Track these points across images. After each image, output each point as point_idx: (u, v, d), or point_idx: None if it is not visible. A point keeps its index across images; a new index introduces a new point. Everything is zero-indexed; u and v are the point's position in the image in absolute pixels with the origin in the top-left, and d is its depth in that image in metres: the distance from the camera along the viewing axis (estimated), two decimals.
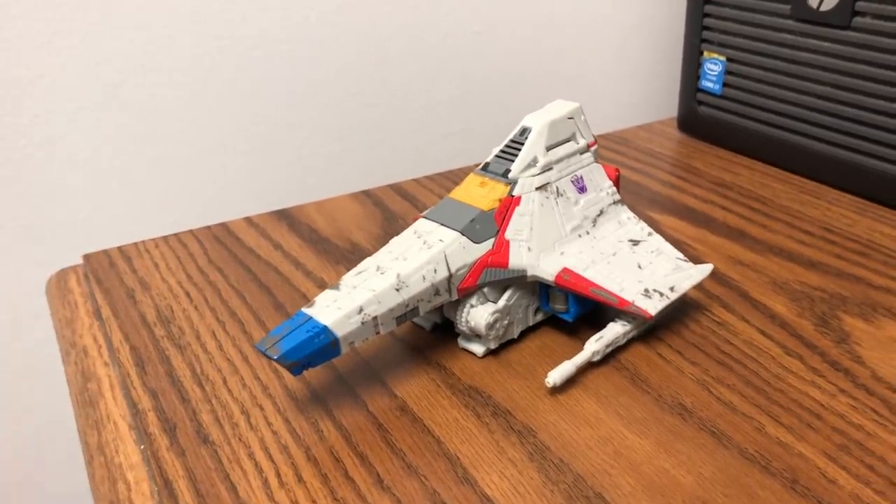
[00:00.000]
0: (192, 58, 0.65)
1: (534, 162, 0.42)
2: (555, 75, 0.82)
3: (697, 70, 0.67)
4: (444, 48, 0.75)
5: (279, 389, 0.39)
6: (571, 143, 0.43)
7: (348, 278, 0.38)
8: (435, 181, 0.63)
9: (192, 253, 0.53)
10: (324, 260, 0.51)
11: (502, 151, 0.43)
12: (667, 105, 0.90)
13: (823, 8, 0.55)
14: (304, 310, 0.36)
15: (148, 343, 0.43)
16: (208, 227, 0.56)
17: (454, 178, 0.64)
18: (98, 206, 0.65)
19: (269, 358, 0.34)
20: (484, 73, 0.78)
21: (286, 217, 0.57)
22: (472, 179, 0.42)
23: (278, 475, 0.34)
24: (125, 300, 0.47)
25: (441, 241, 0.39)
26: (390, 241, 0.40)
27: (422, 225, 0.41)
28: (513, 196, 0.41)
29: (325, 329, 0.35)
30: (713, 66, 0.66)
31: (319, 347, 0.35)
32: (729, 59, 0.64)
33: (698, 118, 0.69)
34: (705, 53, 0.66)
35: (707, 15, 0.65)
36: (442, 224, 0.40)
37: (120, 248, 0.53)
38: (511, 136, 0.43)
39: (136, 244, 0.54)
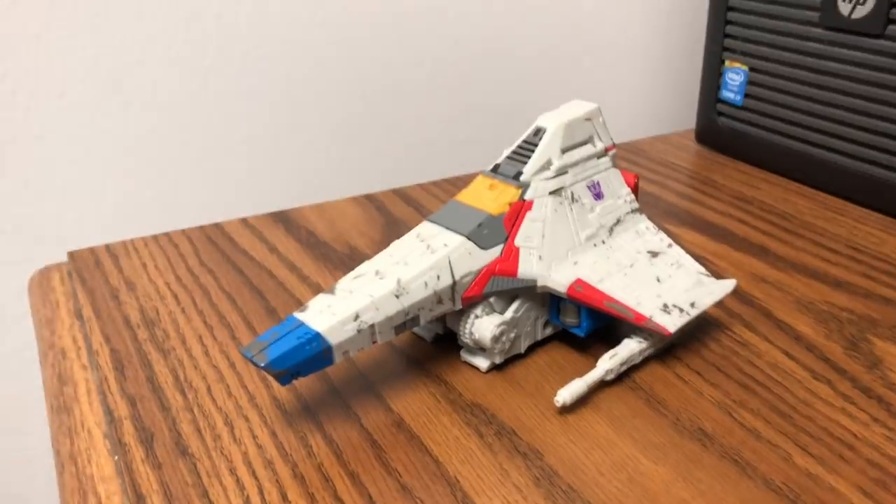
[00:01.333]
0: (192, 54, 0.62)
1: (548, 164, 0.39)
2: (569, 83, 0.80)
3: (718, 80, 0.65)
4: (454, 53, 0.73)
5: (267, 400, 0.36)
6: (588, 146, 0.41)
7: (345, 282, 0.35)
8: (440, 187, 0.60)
9: (182, 253, 0.50)
10: (321, 265, 0.49)
11: (514, 152, 0.40)
12: (684, 116, 0.87)
13: (855, 16, 0.53)
14: (296, 314, 0.34)
15: (129, 346, 0.41)
16: (201, 228, 0.53)
17: (461, 184, 0.61)
18: (92, 206, 0.63)
19: (256, 365, 0.32)
20: (495, 81, 0.76)
21: (283, 219, 0.55)
22: (480, 181, 0.40)
23: (261, 493, 0.31)
24: (109, 300, 0.45)
25: (445, 245, 0.36)
26: (391, 245, 0.38)
27: (425, 228, 0.38)
28: (524, 200, 0.38)
29: (317, 336, 0.32)
30: (734, 76, 0.63)
31: (311, 356, 0.32)
32: (752, 69, 0.62)
33: (718, 130, 0.66)
34: (727, 62, 0.64)
35: (729, 22, 0.62)
36: (447, 228, 0.37)
37: (107, 247, 0.51)
38: (524, 137, 0.40)
39: (123, 242, 0.51)
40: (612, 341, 0.39)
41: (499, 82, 0.76)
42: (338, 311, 0.33)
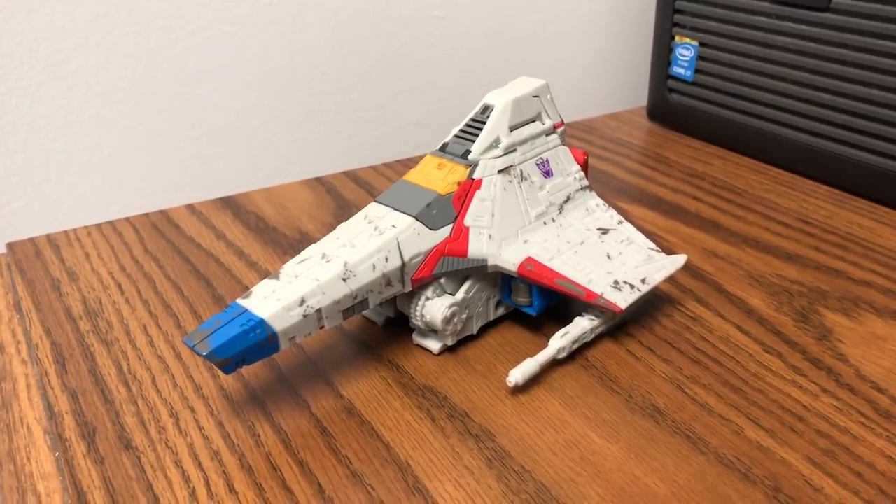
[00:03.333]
0: (136, 37, 0.61)
1: (496, 143, 0.38)
2: (521, 63, 0.79)
3: (668, 56, 0.65)
4: (405, 33, 0.72)
5: (213, 389, 0.36)
6: (537, 123, 0.40)
7: (290, 267, 0.34)
8: (392, 168, 0.59)
9: (127, 242, 0.49)
10: (270, 250, 0.48)
11: (462, 131, 0.39)
12: (636, 94, 0.87)
13: None
14: (240, 301, 0.33)
15: (71, 338, 0.39)
16: (146, 215, 0.52)
17: (413, 165, 0.60)
18: (33, 195, 0.61)
19: (199, 354, 0.31)
20: (447, 60, 0.75)
21: (231, 205, 0.54)
22: (428, 161, 0.39)
23: (207, 485, 0.30)
24: (49, 292, 0.43)
25: (394, 226, 0.36)
26: (338, 227, 0.37)
27: (373, 209, 0.37)
28: (473, 179, 0.38)
29: (261, 322, 0.32)
30: (685, 52, 0.63)
31: (255, 343, 0.32)
32: (701, 44, 0.62)
33: (669, 106, 0.66)
34: (677, 38, 0.63)
35: None
36: (395, 209, 0.37)
37: (48, 237, 0.49)
38: (472, 115, 0.39)
39: (66, 232, 0.50)
40: (564, 320, 0.39)
41: (450, 63, 0.75)
42: (282, 296, 0.32)
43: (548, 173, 0.40)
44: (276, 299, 0.32)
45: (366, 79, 0.71)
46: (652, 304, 0.42)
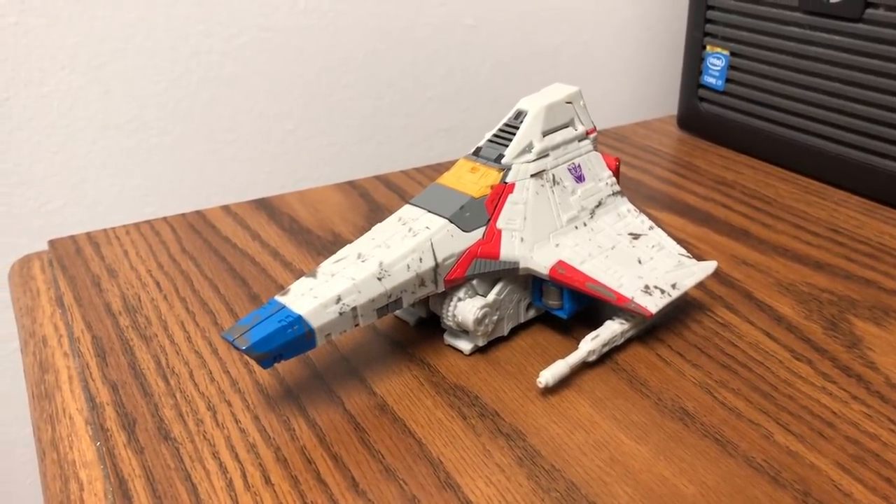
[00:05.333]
0: (174, 41, 0.62)
1: (529, 147, 0.39)
2: (550, 70, 0.80)
3: (699, 65, 0.65)
4: (435, 41, 0.72)
5: (249, 384, 0.36)
6: (569, 128, 0.41)
7: (326, 266, 0.35)
8: (423, 173, 0.60)
9: (164, 241, 0.50)
10: (304, 251, 0.48)
11: (495, 136, 0.40)
12: (666, 103, 0.87)
13: None
14: (278, 298, 0.33)
15: (111, 333, 0.40)
16: (183, 215, 0.53)
17: (444, 170, 0.61)
18: (73, 195, 0.62)
19: (237, 349, 0.32)
20: (477, 68, 0.75)
21: (266, 206, 0.55)
22: (462, 164, 0.40)
23: (244, 476, 0.31)
24: (90, 288, 0.44)
25: (428, 228, 0.36)
26: (373, 228, 0.38)
27: (407, 211, 0.38)
28: (506, 183, 0.38)
29: (299, 319, 0.32)
30: (716, 61, 0.63)
31: (292, 339, 0.32)
32: (733, 54, 0.62)
33: (699, 115, 0.66)
34: (708, 48, 0.64)
35: (711, 7, 0.62)
36: (429, 211, 0.37)
37: (88, 235, 0.50)
38: (505, 120, 0.40)
39: (105, 231, 0.51)
40: (594, 323, 0.40)
41: (480, 71, 0.76)
42: (319, 294, 0.33)
43: (580, 178, 0.41)
44: (313, 297, 0.33)
45: (396, 85, 0.72)
46: (681, 310, 0.42)
